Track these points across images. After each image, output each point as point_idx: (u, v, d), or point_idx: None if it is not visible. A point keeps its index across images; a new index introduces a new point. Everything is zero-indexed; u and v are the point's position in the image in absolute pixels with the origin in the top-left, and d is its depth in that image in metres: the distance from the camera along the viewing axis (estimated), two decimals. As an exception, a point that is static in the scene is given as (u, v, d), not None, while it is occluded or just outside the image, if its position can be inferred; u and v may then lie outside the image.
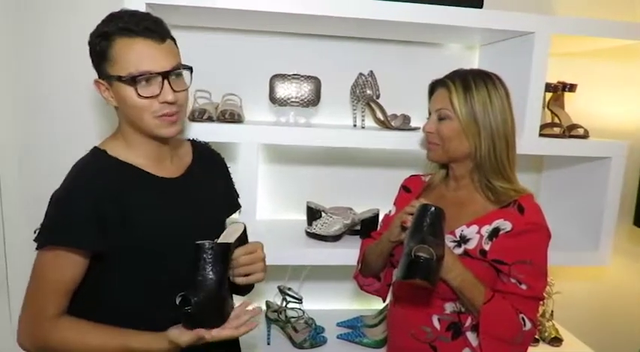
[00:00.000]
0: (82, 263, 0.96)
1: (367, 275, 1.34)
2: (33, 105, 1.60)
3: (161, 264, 1.00)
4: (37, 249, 0.95)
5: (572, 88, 1.69)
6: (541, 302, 1.71)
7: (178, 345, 0.92)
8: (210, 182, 1.16)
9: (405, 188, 1.37)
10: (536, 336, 1.73)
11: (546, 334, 1.74)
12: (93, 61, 0.99)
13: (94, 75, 1.02)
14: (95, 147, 1.04)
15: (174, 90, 0.98)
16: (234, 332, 0.94)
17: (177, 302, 0.91)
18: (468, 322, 1.13)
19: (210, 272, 0.96)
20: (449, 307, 1.14)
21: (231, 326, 0.95)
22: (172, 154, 1.10)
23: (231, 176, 1.30)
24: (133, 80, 0.94)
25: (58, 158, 1.03)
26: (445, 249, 1.05)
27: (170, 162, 1.09)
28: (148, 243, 0.98)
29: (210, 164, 1.20)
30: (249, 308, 1.01)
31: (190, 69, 1.05)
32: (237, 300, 1.06)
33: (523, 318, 1.08)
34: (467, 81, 1.13)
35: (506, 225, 1.10)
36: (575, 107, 1.78)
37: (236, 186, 1.40)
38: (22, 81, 1.58)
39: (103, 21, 0.98)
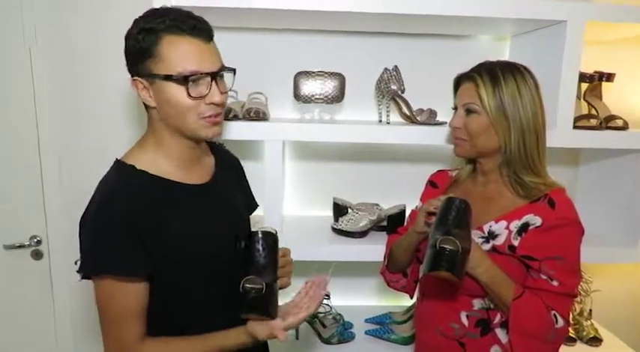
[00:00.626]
0: (143, 287, 0.94)
1: (394, 271, 1.34)
2: (70, 106, 1.68)
3: (205, 270, 1.00)
4: (83, 277, 0.95)
5: (609, 77, 1.62)
6: (576, 300, 1.68)
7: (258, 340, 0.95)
8: (232, 184, 1.16)
9: (431, 183, 1.35)
10: (574, 336, 1.67)
11: (584, 333, 1.68)
12: (131, 59, 0.95)
13: (125, 75, 1.00)
14: (121, 162, 0.99)
15: (220, 92, 0.96)
16: (308, 311, 0.98)
17: (241, 289, 0.94)
18: (497, 318, 1.11)
19: (269, 259, 0.99)
20: (477, 303, 1.12)
21: (304, 306, 0.98)
22: (200, 158, 1.08)
23: (246, 175, 1.29)
24: (184, 80, 0.91)
25: (94, 155, 1.03)
26: (472, 244, 1.03)
27: (199, 165, 1.07)
28: (188, 253, 0.97)
29: (230, 166, 1.19)
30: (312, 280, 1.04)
31: (234, 71, 1.02)
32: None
33: (555, 315, 1.04)
34: (495, 74, 1.10)
35: (536, 220, 1.07)
36: (613, 97, 1.70)
37: (262, 183, 1.43)
38: (60, 83, 1.66)
39: (145, 17, 0.93)
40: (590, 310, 1.71)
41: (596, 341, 1.65)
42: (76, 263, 0.93)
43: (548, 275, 1.05)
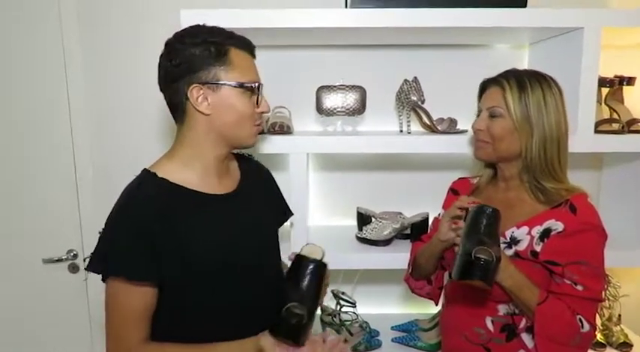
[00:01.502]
0: (148, 290, 0.95)
1: (418, 278, 1.36)
2: (105, 122, 1.77)
3: (226, 281, 1.01)
4: (102, 280, 0.97)
5: (630, 81, 1.62)
6: (604, 305, 1.67)
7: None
8: (260, 195, 1.16)
9: (453, 190, 1.38)
10: (604, 341, 1.66)
11: (614, 339, 1.66)
12: (185, 69, 0.96)
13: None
14: (145, 170, 1.02)
15: None
16: None
17: (283, 312, 0.96)
18: (522, 323, 1.12)
19: (316, 290, 1.01)
20: (502, 309, 1.14)
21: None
22: (229, 169, 1.11)
23: (278, 185, 1.31)
24: (257, 88, 1.02)
25: (129, 169, 1.08)
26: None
27: (227, 175, 1.09)
28: (210, 264, 0.99)
29: (258, 176, 1.22)
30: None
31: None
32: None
33: (581, 320, 1.05)
34: (522, 80, 1.13)
35: (558, 226, 1.08)
36: (635, 101, 1.70)
37: (288, 194, 1.47)
38: (96, 100, 1.76)
39: (198, 31, 0.99)
40: (620, 315, 1.69)
41: (626, 346, 1.63)
42: (84, 260, 0.98)
43: (572, 280, 1.06)
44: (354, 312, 1.71)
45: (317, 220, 1.85)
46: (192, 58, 0.97)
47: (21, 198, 1.80)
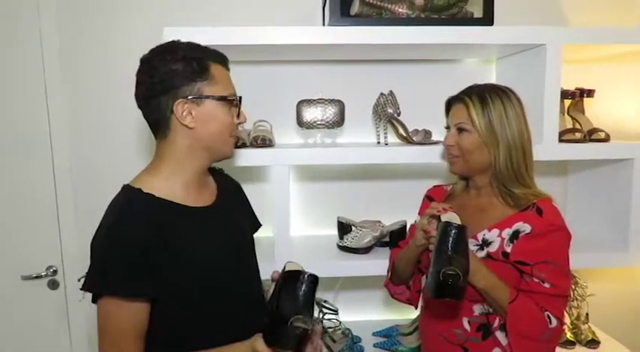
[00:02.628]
0: (144, 308, 0.96)
1: (397, 283, 1.41)
2: (85, 139, 1.78)
3: (218, 290, 1.04)
4: (92, 300, 0.97)
5: (590, 93, 1.73)
6: (573, 305, 1.76)
7: None
8: (235, 206, 1.22)
9: (428, 198, 1.44)
10: (573, 339, 1.74)
11: (583, 337, 1.75)
12: (168, 85, 0.99)
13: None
14: (128, 186, 1.03)
15: None
16: None
17: (289, 323, 0.97)
18: (497, 322, 1.18)
19: (311, 299, 1.03)
20: (477, 309, 1.20)
21: None
22: (207, 182, 1.14)
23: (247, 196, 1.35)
24: (239, 101, 1.07)
25: (109, 186, 1.09)
26: (470, 255, 1.11)
27: (206, 188, 1.12)
28: (201, 275, 1.01)
29: (231, 188, 1.25)
30: None
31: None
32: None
33: (549, 316, 1.12)
34: (483, 96, 1.21)
35: (525, 228, 1.16)
36: (595, 112, 1.82)
37: (270, 206, 1.51)
38: (75, 116, 1.77)
39: (177, 48, 1.01)
40: (587, 314, 1.78)
41: (594, 343, 1.72)
42: (79, 280, 0.98)
43: (540, 278, 1.13)
44: (336, 319, 1.76)
45: (299, 231, 1.90)
46: (174, 74, 0.99)
47: (-1, 214, 1.79)
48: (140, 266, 0.93)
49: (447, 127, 1.30)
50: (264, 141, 1.55)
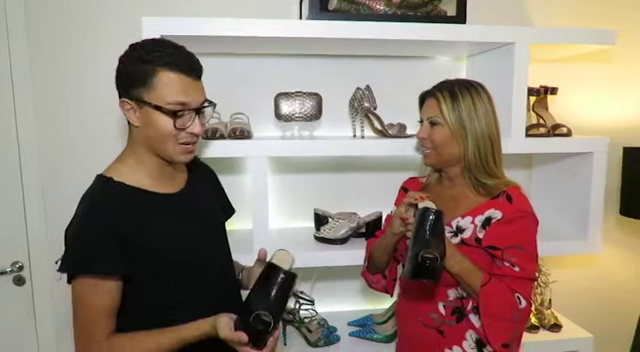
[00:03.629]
0: (116, 286, 1.01)
1: (374, 272, 1.45)
2: (53, 132, 1.74)
3: (184, 275, 1.08)
4: (68, 281, 1.01)
5: (553, 90, 1.83)
6: (536, 291, 1.85)
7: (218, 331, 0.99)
8: (206, 191, 1.25)
9: (404, 189, 1.49)
10: (537, 324, 1.84)
11: (546, 321, 1.84)
12: (122, 82, 1.04)
13: (111, 97, 1.09)
14: (100, 176, 1.08)
15: (201, 124, 1.08)
16: None
17: (252, 319, 0.98)
18: (470, 306, 1.24)
19: (283, 299, 1.04)
20: (452, 293, 1.25)
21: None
22: (175, 171, 1.17)
23: (222, 185, 1.38)
24: (174, 113, 1.01)
25: (77, 180, 1.09)
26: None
27: (172, 177, 1.15)
28: (168, 258, 1.05)
29: (202, 175, 1.28)
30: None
31: (214, 105, 1.13)
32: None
33: (519, 297, 1.19)
34: (453, 91, 1.26)
35: (497, 214, 1.22)
36: (559, 108, 1.93)
37: (248, 198, 1.52)
38: (43, 108, 1.72)
39: (143, 47, 1.03)
40: (550, 300, 1.88)
41: (556, 327, 1.82)
42: (56, 262, 1.01)
43: (510, 262, 1.20)
44: (312, 310, 1.78)
45: (276, 223, 1.91)
46: (126, 73, 1.03)
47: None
48: (112, 247, 0.98)
49: (421, 121, 1.35)
50: (242, 133, 1.56)
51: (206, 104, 1.10)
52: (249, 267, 1.31)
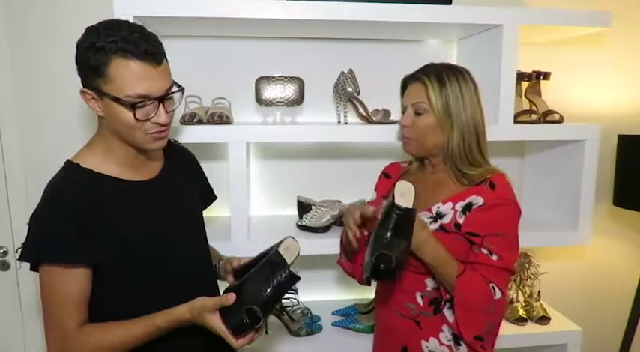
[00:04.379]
0: (84, 274, 0.97)
1: (350, 260, 1.41)
2: (33, 115, 1.71)
3: (152, 264, 1.05)
4: (31, 268, 0.98)
5: (546, 76, 1.77)
6: (524, 282, 1.81)
7: (202, 309, 0.98)
8: (183, 178, 1.20)
9: (385, 174, 1.45)
10: (525, 316, 1.80)
11: (534, 313, 1.80)
12: (80, 70, 0.97)
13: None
14: (68, 161, 1.04)
15: (167, 111, 1.00)
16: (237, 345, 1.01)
17: (243, 310, 0.97)
18: (446, 297, 1.21)
19: (278, 297, 1.03)
20: (430, 283, 1.21)
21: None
22: (147, 157, 1.11)
23: (203, 170, 1.33)
24: (132, 106, 0.94)
25: (60, 164, 1.07)
26: (419, 226, 1.11)
27: (144, 165, 1.10)
28: (135, 247, 1.02)
29: (181, 161, 1.24)
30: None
31: (182, 90, 1.05)
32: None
33: (493, 288, 1.14)
34: (441, 76, 1.19)
35: (478, 200, 1.17)
36: (553, 95, 1.86)
37: (227, 184, 1.49)
38: (22, 91, 1.69)
39: (96, 32, 0.94)
40: (539, 291, 1.84)
41: (544, 319, 1.78)
42: (16, 251, 0.98)
43: (489, 249, 1.15)
44: (295, 299, 1.76)
45: (259, 210, 1.88)
46: (82, 61, 0.95)
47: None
48: (76, 235, 0.95)
49: (403, 110, 1.28)
50: (220, 118, 1.52)
51: (174, 89, 1.02)
52: (227, 257, 1.28)
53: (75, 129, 1.72)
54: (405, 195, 1.11)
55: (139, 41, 0.94)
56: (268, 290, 1.01)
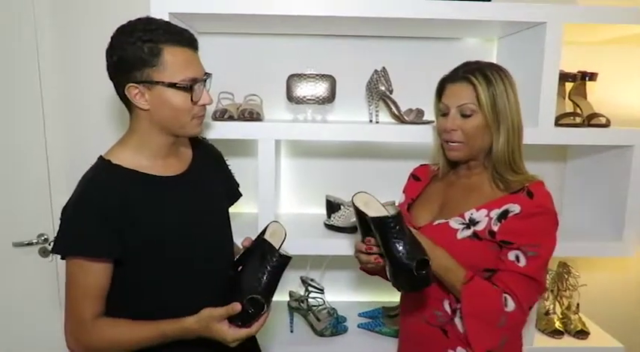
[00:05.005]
0: (105, 268, 1.01)
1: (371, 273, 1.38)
2: (77, 107, 1.78)
3: (178, 259, 1.07)
4: (61, 258, 1.03)
5: (592, 76, 1.67)
6: (562, 293, 1.72)
7: (209, 319, 1.00)
8: (211, 174, 1.22)
9: (414, 176, 1.41)
10: (562, 329, 1.71)
11: (572, 326, 1.71)
12: (125, 66, 1.00)
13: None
14: (100, 157, 1.08)
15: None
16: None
17: (245, 302, 0.99)
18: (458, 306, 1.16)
19: (275, 282, 1.05)
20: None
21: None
22: (179, 151, 1.16)
23: (229, 167, 1.36)
24: (190, 88, 1.01)
25: (99, 153, 1.11)
26: (420, 237, 1.07)
27: (175, 158, 1.14)
28: (159, 241, 1.04)
29: (209, 157, 1.26)
30: None
31: (211, 75, 1.10)
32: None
33: (506, 298, 1.08)
34: (487, 74, 1.13)
35: (515, 208, 1.11)
36: (600, 97, 1.76)
37: (257, 181, 1.49)
38: (66, 85, 1.76)
39: (134, 28, 0.99)
40: (578, 304, 1.75)
41: (583, 334, 1.69)
42: (49, 243, 1.03)
43: (517, 256, 1.10)
44: (321, 298, 1.74)
45: (288, 208, 1.88)
46: (126, 57, 0.99)
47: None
48: (101, 230, 0.98)
49: (444, 111, 1.20)
50: (251, 115, 1.53)
51: (206, 76, 1.08)
52: None
53: (115, 126, 1.77)
54: (368, 204, 1.11)
55: (181, 31, 1.03)
56: (264, 278, 1.03)
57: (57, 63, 1.74)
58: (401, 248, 1.02)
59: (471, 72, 1.15)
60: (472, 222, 1.15)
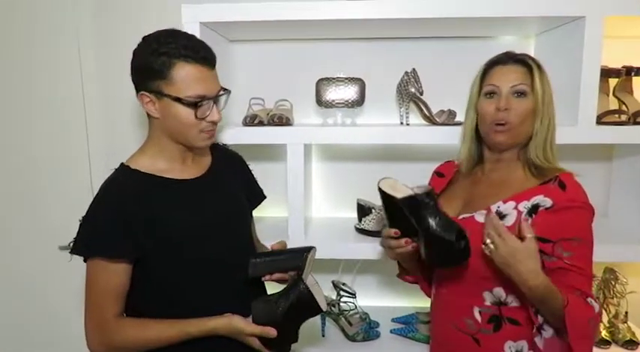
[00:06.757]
0: (124, 269, 1.04)
1: (411, 277, 1.37)
2: (117, 115, 1.85)
3: (196, 259, 1.10)
4: (83, 261, 1.06)
5: (638, 71, 1.57)
6: (609, 301, 1.63)
7: (239, 332, 1.06)
8: (230, 177, 1.24)
9: (438, 173, 1.38)
10: (609, 339, 1.62)
11: (620, 336, 1.62)
12: (140, 75, 1.05)
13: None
14: (121, 164, 1.12)
15: (218, 111, 1.10)
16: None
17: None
18: (508, 313, 1.12)
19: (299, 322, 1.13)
20: (488, 297, 1.13)
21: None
22: (194, 156, 1.18)
23: (251, 171, 1.37)
24: (194, 104, 1.03)
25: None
26: (527, 255, 1.00)
27: (192, 162, 1.17)
28: (178, 243, 1.07)
29: (228, 161, 1.29)
30: None
31: (229, 92, 1.14)
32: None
33: (590, 302, 1.04)
34: (537, 62, 1.14)
35: (546, 202, 1.07)
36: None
37: (286, 185, 1.50)
38: (107, 94, 1.84)
39: (156, 40, 1.03)
40: (627, 312, 1.64)
41: (632, 344, 1.59)
42: (69, 245, 1.07)
43: (564, 257, 1.05)
44: (353, 303, 1.73)
45: (320, 212, 1.88)
46: (142, 66, 1.04)
47: (38, 188, 1.90)
48: (120, 231, 1.01)
49: (492, 92, 1.15)
50: (280, 120, 1.54)
51: (222, 92, 1.11)
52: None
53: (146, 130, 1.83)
54: (395, 188, 1.13)
55: (197, 48, 1.04)
56: (298, 326, 1.13)
57: (98, 73, 1.81)
58: (438, 221, 1.04)
59: (522, 56, 1.15)
60: (500, 216, 1.10)
